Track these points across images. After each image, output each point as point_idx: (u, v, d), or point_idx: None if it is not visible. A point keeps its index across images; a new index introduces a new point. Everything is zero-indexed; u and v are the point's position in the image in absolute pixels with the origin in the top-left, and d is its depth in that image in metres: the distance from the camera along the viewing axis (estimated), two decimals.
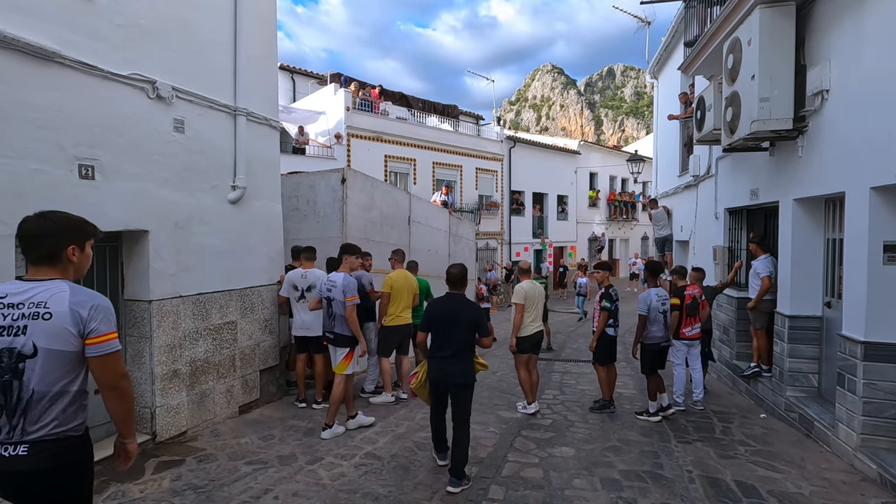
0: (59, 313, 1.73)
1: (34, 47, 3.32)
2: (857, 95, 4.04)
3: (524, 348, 5.31)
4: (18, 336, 1.71)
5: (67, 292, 1.77)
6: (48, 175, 3.44)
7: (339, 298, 4.56)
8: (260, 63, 5.38)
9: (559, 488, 3.65)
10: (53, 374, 1.72)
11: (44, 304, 1.73)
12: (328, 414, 4.64)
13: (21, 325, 1.71)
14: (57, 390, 1.73)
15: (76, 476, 1.78)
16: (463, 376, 3.68)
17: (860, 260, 3.98)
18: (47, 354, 1.71)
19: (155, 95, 4.18)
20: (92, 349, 1.75)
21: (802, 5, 4.73)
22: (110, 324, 1.81)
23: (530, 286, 5.33)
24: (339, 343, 4.65)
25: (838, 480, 3.78)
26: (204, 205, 4.70)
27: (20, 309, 1.73)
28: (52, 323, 1.72)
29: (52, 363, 1.72)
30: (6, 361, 1.69)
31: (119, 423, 1.93)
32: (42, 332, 1.71)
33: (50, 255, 1.83)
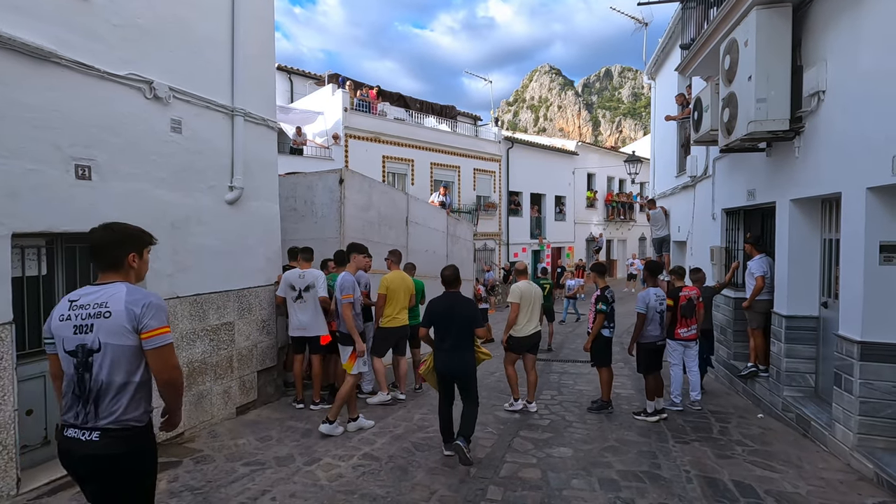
0: (116, 312, 1.93)
1: (31, 47, 3.31)
2: (854, 96, 4.06)
3: (518, 348, 5.36)
4: (87, 334, 1.93)
5: (124, 293, 1.98)
6: (44, 175, 3.43)
7: (338, 296, 4.64)
8: (257, 63, 5.38)
9: (557, 489, 3.65)
10: (116, 366, 1.93)
11: (105, 305, 1.95)
12: (332, 409, 4.63)
13: (89, 324, 1.94)
14: (120, 382, 1.93)
15: (141, 461, 1.98)
16: (465, 368, 4.11)
17: (857, 260, 3.99)
18: (110, 349, 1.92)
19: (152, 95, 4.17)
20: (147, 343, 1.94)
21: (799, 6, 4.75)
22: (161, 319, 1.98)
23: (526, 286, 5.37)
24: (344, 342, 4.73)
25: (835, 480, 3.79)
26: (201, 205, 4.69)
27: (87, 309, 1.96)
28: (112, 321, 1.93)
29: (116, 356, 1.92)
30: (79, 356, 1.93)
31: (171, 410, 2.13)
32: (104, 329, 1.92)
33: (113, 261, 2.06)
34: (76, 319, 1.95)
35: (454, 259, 10.95)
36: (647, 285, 5.52)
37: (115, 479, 1.93)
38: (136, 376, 1.97)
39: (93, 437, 1.89)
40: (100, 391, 1.91)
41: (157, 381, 2.01)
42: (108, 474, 1.92)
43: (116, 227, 2.11)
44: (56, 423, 1.95)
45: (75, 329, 1.94)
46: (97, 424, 1.91)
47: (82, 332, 1.93)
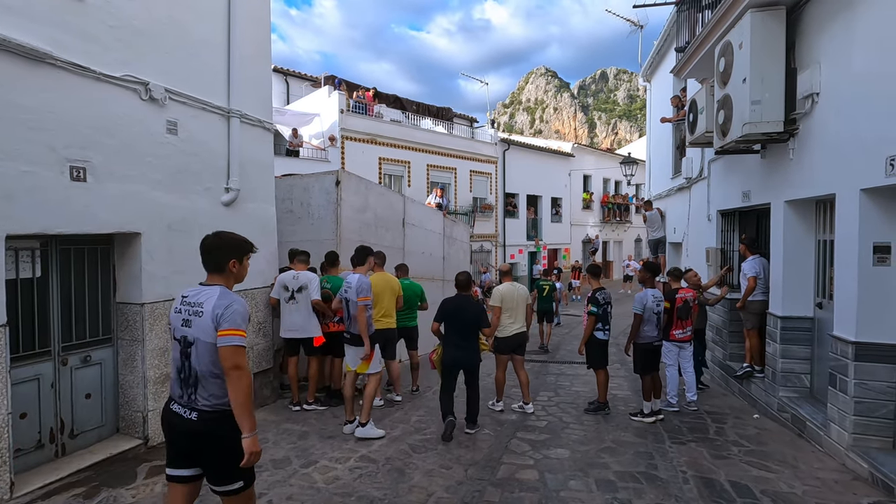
0: (206, 312, 2.20)
1: (25, 48, 3.29)
2: (847, 98, 4.09)
3: (503, 349, 5.43)
4: (189, 328, 2.24)
5: (216, 296, 2.24)
6: (39, 177, 3.41)
7: (353, 299, 4.54)
8: (253, 65, 5.37)
9: (555, 490, 3.65)
10: (205, 358, 2.20)
11: (200, 305, 2.23)
12: (363, 412, 4.62)
13: (189, 319, 2.25)
14: (209, 372, 2.20)
15: (228, 438, 2.18)
16: (470, 361, 4.81)
17: (851, 261, 4.02)
18: (200, 343, 2.20)
19: (148, 97, 4.16)
20: (219, 340, 2.17)
21: (793, 9, 4.78)
22: (237, 323, 2.19)
23: (508, 288, 5.45)
24: (356, 343, 4.62)
25: (831, 480, 3.81)
26: (197, 207, 4.67)
27: (191, 307, 2.26)
28: (203, 319, 2.21)
29: (204, 350, 2.20)
30: (182, 345, 2.24)
31: (236, 412, 2.17)
32: (198, 325, 2.22)
33: (217, 266, 2.36)
34: (184, 313, 2.28)
35: (451, 261, 10.95)
36: (644, 286, 5.54)
37: (209, 451, 2.22)
38: (220, 368, 2.19)
39: (192, 416, 2.21)
40: (196, 378, 2.22)
41: (224, 372, 2.18)
42: (202, 444, 2.22)
43: (223, 234, 2.42)
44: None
45: (182, 322, 2.28)
46: (195, 406, 2.22)
47: (185, 325, 2.26)
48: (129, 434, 4.24)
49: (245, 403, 2.16)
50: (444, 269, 10.46)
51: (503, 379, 5.58)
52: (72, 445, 3.91)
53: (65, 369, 3.87)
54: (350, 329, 4.67)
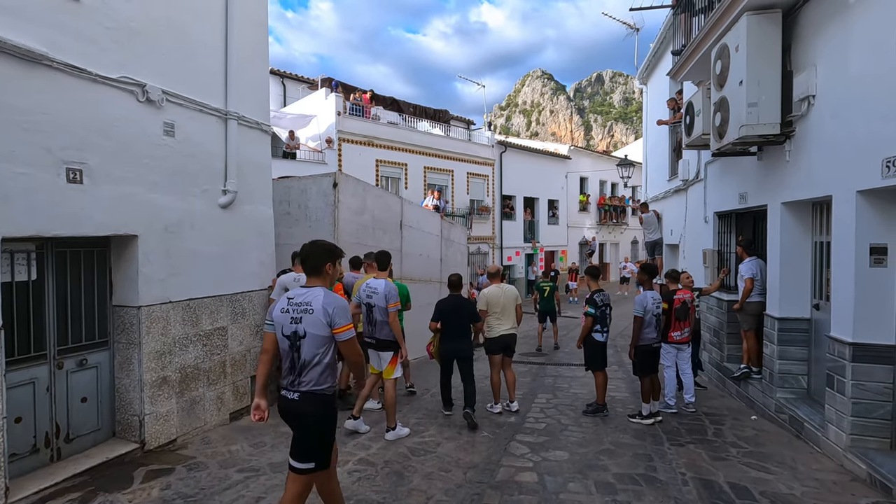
0: (316, 310, 2.57)
1: (21, 49, 3.27)
2: (843, 100, 4.11)
3: (493, 349, 5.54)
4: (299, 324, 2.59)
5: (322, 296, 2.61)
6: (35, 178, 3.39)
7: (381, 305, 4.64)
8: (251, 66, 5.36)
9: (554, 492, 3.64)
10: (312, 349, 2.58)
11: (309, 304, 2.59)
12: (388, 417, 4.70)
13: (299, 317, 2.59)
14: (316, 360, 2.58)
15: (325, 418, 2.63)
16: (464, 351, 5.31)
17: (847, 262, 4.04)
18: (310, 336, 2.58)
19: (145, 99, 4.14)
20: (337, 336, 2.59)
21: (789, 12, 4.81)
22: (347, 318, 2.62)
23: (493, 291, 5.56)
24: (382, 348, 4.73)
25: (829, 481, 3.82)
26: (194, 209, 4.65)
27: (299, 306, 2.60)
28: (313, 316, 2.57)
29: (313, 342, 2.57)
30: (292, 340, 2.59)
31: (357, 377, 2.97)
32: (308, 321, 2.57)
33: (316, 269, 2.72)
34: (292, 312, 2.60)
35: (448, 263, 10.94)
36: (643, 288, 5.55)
37: (306, 427, 2.61)
38: (326, 357, 2.60)
39: (295, 396, 2.60)
40: (303, 365, 2.58)
41: (347, 361, 2.75)
42: (302, 423, 2.61)
43: (319, 242, 2.82)
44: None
45: (291, 320, 2.60)
46: (299, 389, 2.59)
47: (295, 322, 2.59)
48: (126, 438, 4.21)
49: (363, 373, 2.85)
50: (441, 272, 10.45)
51: (498, 381, 5.62)
52: (67, 450, 3.87)
53: (60, 373, 3.84)
54: (376, 334, 4.72)
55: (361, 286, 4.95)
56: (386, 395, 4.78)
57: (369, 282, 4.86)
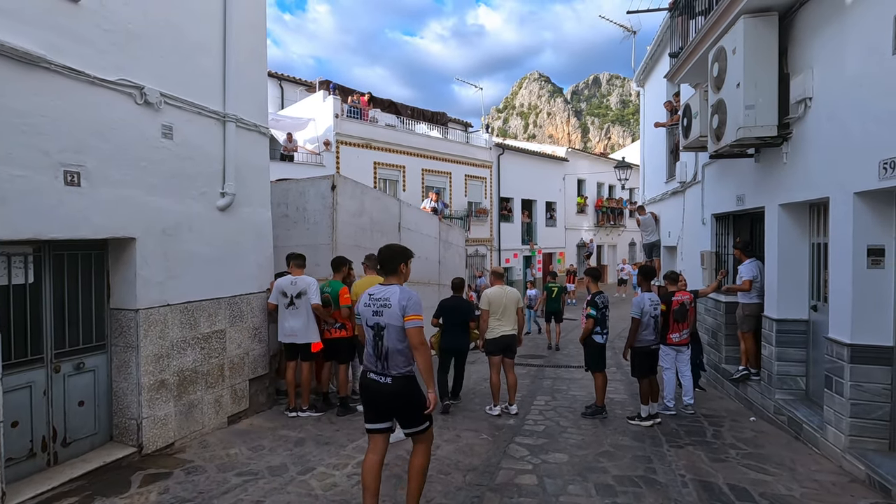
0: (394, 304, 2.95)
1: (19, 51, 3.26)
2: (839, 102, 4.14)
3: (493, 350, 5.59)
4: (381, 316, 2.98)
5: (398, 293, 3.00)
6: (32, 181, 3.37)
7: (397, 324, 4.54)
8: (249, 69, 5.35)
9: (554, 495, 3.63)
10: (393, 338, 2.96)
11: (388, 300, 2.99)
12: None
13: (380, 310, 2.99)
14: (395, 348, 2.96)
15: (413, 394, 3.03)
16: (462, 346, 5.91)
17: (845, 264, 4.05)
18: (391, 328, 2.96)
19: (143, 101, 4.13)
20: (406, 324, 2.93)
21: (785, 15, 4.84)
22: (417, 310, 2.97)
23: (496, 292, 5.60)
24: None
25: (828, 482, 3.82)
26: (192, 212, 4.64)
27: (378, 301, 3.01)
28: (392, 310, 2.96)
29: (393, 332, 2.95)
30: (376, 330, 2.99)
31: (424, 374, 3.00)
32: (388, 314, 2.96)
33: (393, 269, 3.11)
34: (374, 306, 3.02)
35: (446, 265, 10.93)
36: (641, 290, 5.56)
37: (401, 404, 3.03)
38: (404, 345, 2.97)
39: (387, 381, 2.99)
40: (388, 353, 2.97)
41: (412, 346, 2.96)
42: (397, 401, 3.02)
43: (394, 246, 3.23)
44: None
45: (373, 312, 3.01)
46: (388, 373, 2.98)
47: (377, 315, 2.99)
48: (124, 442, 4.18)
49: (428, 368, 2.98)
50: (439, 273, 10.45)
51: (498, 382, 5.62)
52: (64, 454, 3.85)
53: (57, 376, 3.81)
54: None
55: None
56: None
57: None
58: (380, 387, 3.01)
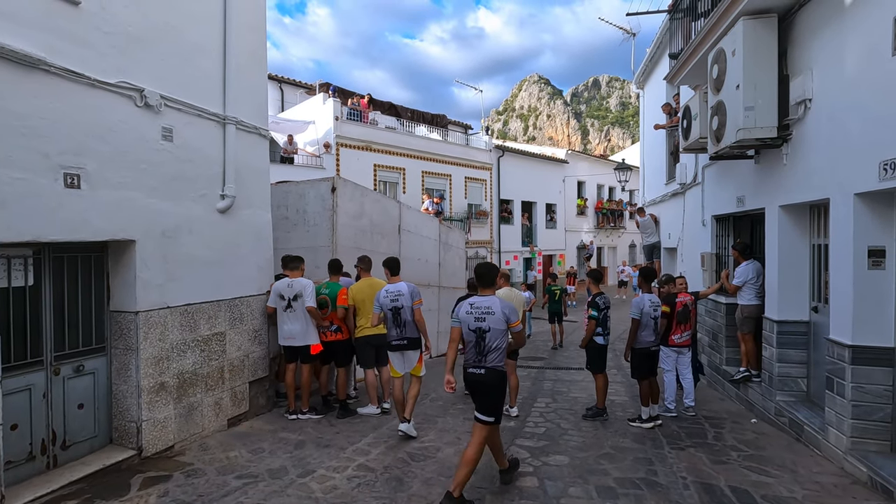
0: (497, 311, 3.51)
1: (18, 54, 3.26)
2: (839, 104, 4.14)
3: None
4: (483, 322, 3.52)
5: (499, 302, 3.56)
6: (32, 184, 3.37)
7: (408, 305, 4.86)
8: (249, 71, 5.35)
9: (555, 497, 3.62)
10: (495, 340, 3.51)
11: (489, 308, 3.53)
12: (407, 409, 4.83)
13: (482, 316, 3.53)
14: (496, 346, 3.51)
15: (497, 386, 3.57)
16: None
17: (846, 265, 4.04)
18: (493, 331, 3.50)
19: (143, 103, 4.13)
20: (511, 329, 3.58)
21: (785, 16, 4.85)
22: (517, 315, 3.60)
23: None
24: (413, 346, 4.95)
25: (830, 484, 3.81)
26: (192, 214, 4.63)
27: (480, 310, 3.55)
28: (496, 316, 3.51)
29: (495, 335, 3.50)
30: (477, 333, 3.51)
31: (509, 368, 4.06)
32: (491, 320, 3.51)
33: (491, 282, 3.73)
34: (475, 313, 3.54)
35: (446, 267, 10.92)
36: (641, 291, 5.55)
37: (491, 391, 3.56)
38: (503, 344, 3.54)
39: (482, 371, 3.53)
40: (488, 350, 3.51)
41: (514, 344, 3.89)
42: (487, 389, 3.54)
43: (489, 264, 3.82)
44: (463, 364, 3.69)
45: (475, 318, 3.54)
46: (485, 366, 3.52)
47: (479, 321, 3.52)
48: (123, 445, 4.17)
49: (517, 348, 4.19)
50: (439, 276, 10.44)
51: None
52: (64, 457, 3.83)
53: (57, 379, 3.80)
54: (407, 334, 4.89)
55: (380, 293, 4.93)
56: (412, 390, 4.93)
57: (388, 287, 4.92)
58: (476, 377, 3.55)
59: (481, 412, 3.55)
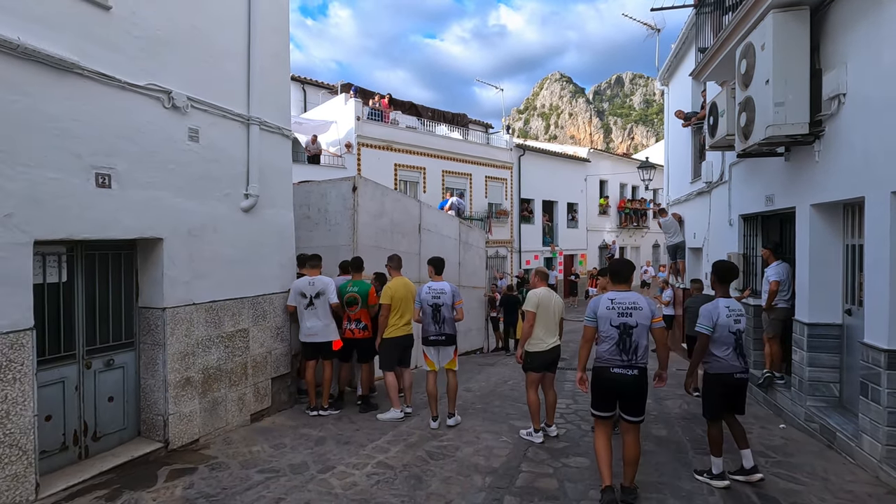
0: (642, 306, 3.51)
1: (53, 58, 3.38)
2: (875, 99, 3.98)
3: (535, 366, 4.65)
4: (630, 317, 3.48)
5: (642, 297, 3.58)
6: (65, 183, 3.49)
7: (449, 303, 5.07)
8: (272, 73, 5.44)
9: (575, 499, 3.58)
10: (642, 335, 3.49)
11: (635, 303, 3.51)
12: (450, 404, 5.19)
13: (628, 312, 3.49)
14: (643, 343, 3.49)
15: (646, 385, 3.55)
16: None
17: (882, 266, 3.88)
18: (640, 327, 3.48)
19: (170, 105, 4.24)
20: (655, 324, 3.55)
21: (817, 9, 4.68)
22: (656, 312, 3.57)
23: (545, 293, 4.73)
24: (450, 342, 5.14)
25: (863, 493, 3.66)
26: (217, 213, 4.73)
27: (625, 305, 3.51)
28: (642, 311, 3.49)
29: (642, 331, 3.49)
30: (623, 329, 3.46)
31: (661, 362, 3.70)
32: (638, 315, 3.48)
33: (627, 278, 3.68)
34: (618, 309, 3.49)
35: (466, 266, 10.91)
36: (716, 294, 4.05)
37: (640, 393, 3.52)
38: (648, 341, 3.52)
39: (633, 373, 3.46)
40: (636, 347, 3.46)
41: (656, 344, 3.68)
42: (637, 390, 3.50)
43: (625, 260, 3.86)
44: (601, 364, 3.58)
45: (619, 314, 3.49)
46: (637, 366, 3.46)
47: (625, 316, 3.47)
48: (150, 437, 4.29)
49: (668, 357, 3.69)
50: (459, 275, 10.43)
51: (537, 401, 4.71)
52: (95, 448, 3.97)
53: (88, 372, 3.94)
54: (445, 330, 5.09)
55: (422, 289, 5.16)
56: (451, 384, 5.19)
57: (431, 285, 5.15)
58: (627, 378, 3.46)
59: (634, 414, 3.52)
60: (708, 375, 3.93)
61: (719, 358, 3.83)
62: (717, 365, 3.85)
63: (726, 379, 3.84)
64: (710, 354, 3.87)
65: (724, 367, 3.82)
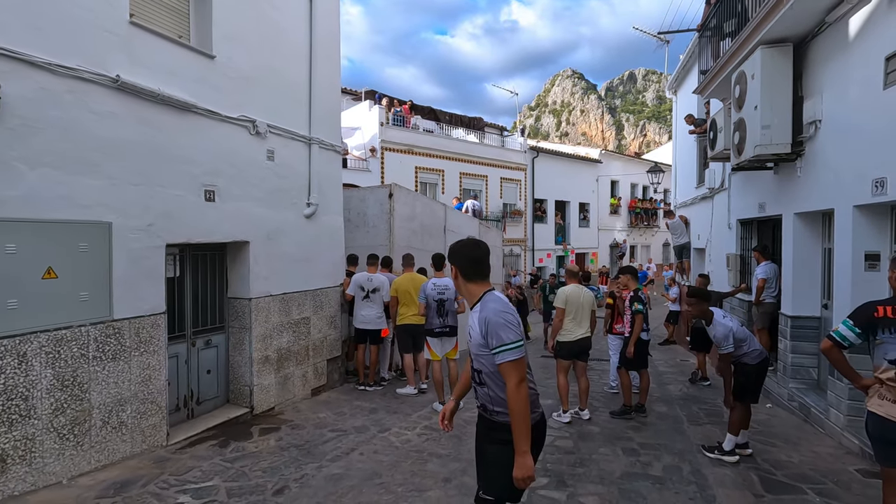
0: None
1: (178, 100, 4.30)
2: (843, 126, 4.74)
3: (565, 354, 5.28)
4: None
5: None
6: (185, 199, 4.42)
7: (453, 298, 5.63)
8: (327, 97, 6.33)
9: (588, 453, 4.42)
10: None
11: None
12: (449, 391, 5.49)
13: None
14: None
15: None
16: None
17: (846, 267, 4.66)
18: None
19: (255, 132, 5.15)
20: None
21: (800, 44, 5.44)
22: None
23: (573, 290, 5.32)
24: (453, 334, 5.71)
25: (825, 453, 4.47)
26: (286, 219, 5.65)
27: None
28: None
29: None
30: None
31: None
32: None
33: None
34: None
35: None
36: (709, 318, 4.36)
37: None
38: None
39: None
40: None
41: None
42: None
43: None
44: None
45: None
46: None
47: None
48: (238, 404, 5.23)
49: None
50: None
51: (566, 384, 5.25)
52: (198, 410, 4.92)
53: (193, 350, 4.88)
54: (449, 322, 5.66)
55: (427, 285, 5.67)
56: (452, 372, 5.73)
57: (436, 281, 5.68)
58: None
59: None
60: (749, 367, 4.35)
61: (749, 351, 4.30)
62: (753, 354, 4.32)
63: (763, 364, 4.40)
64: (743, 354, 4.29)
65: (756, 354, 4.31)
